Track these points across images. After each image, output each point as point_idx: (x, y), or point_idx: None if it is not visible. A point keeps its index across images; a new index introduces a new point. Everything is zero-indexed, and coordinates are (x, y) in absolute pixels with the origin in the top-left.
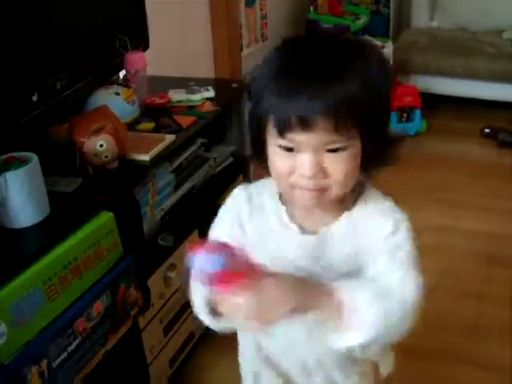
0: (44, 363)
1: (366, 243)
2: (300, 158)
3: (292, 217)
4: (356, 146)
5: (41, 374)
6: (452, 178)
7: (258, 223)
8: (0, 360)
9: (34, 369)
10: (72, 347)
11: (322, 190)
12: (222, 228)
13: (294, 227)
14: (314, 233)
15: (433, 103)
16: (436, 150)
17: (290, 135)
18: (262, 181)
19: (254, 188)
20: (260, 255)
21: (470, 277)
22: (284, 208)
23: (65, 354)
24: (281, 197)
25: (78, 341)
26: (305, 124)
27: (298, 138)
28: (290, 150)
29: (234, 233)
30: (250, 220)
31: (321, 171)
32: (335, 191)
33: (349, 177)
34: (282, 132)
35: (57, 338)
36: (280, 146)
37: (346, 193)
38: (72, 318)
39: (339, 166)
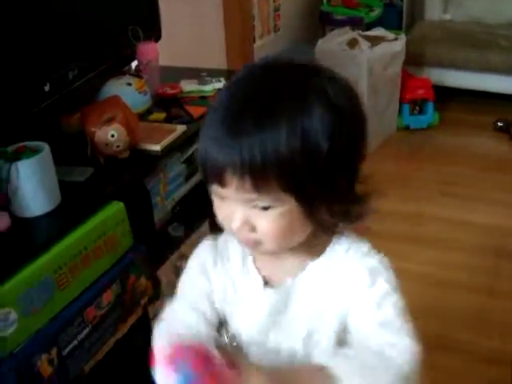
0: (54, 351)
1: (339, 299)
2: (230, 209)
3: (257, 265)
4: (289, 206)
5: (51, 362)
6: (464, 171)
7: (223, 273)
8: (10, 348)
9: (44, 357)
10: (82, 336)
11: (254, 243)
12: (190, 277)
13: (258, 278)
14: (277, 285)
15: (446, 96)
16: (448, 143)
17: (212, 186)
18: None
19: (223, 235)
20: (225, 309)
21: (480, 270)
22: (250, 256)
23: (75, 343)
24: None
25: (88, 329)
26: (218, 179)
27: (219, 190)
28: (222, 197)
29: (201, 283)
30: (214, 269)
31: (247, 225)
32: (269, 247)
33: (283, 235)
34: (206, 180)
35: (67, 327)
36: (213, 193)
37: (311, 238)
38: (82, 306)
39: (267, 225)
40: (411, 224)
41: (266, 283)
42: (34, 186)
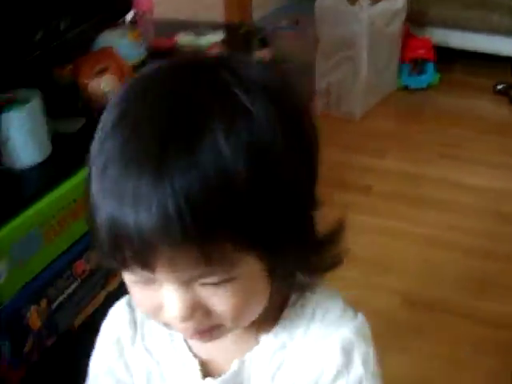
0: (43, 304)
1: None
2: (164, 294)
3: (190, 344)
4: (249, 270)
5: (40, 315)
6: (463, 134)
7: (145, 355)
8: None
9: (34, 308)
10: (70, 290)
11: (209, 332)
12: (101, 360)
13: (194, 364)
14: (221, 371)
15: (448, 57)
16: (448, 104)
17: (133, 269)
18: None
19: None
20: None
21: (478, 233)
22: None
23: (64, 296)
24: None
25: (77, 283)
26: (143, 259)
27: (143, 274)
28: (148, 281)
29: (117, 368)
30: (132, 348)
31: (198, 309)
32: (230, 329)
33: (247, 309)
34: (121, 266)
35: (55, 280)
36: (132, 280)
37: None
38: (71, 260)
39: (224, 302)
40: (410, 185)
41: (205, 370)
42: (24, 137)
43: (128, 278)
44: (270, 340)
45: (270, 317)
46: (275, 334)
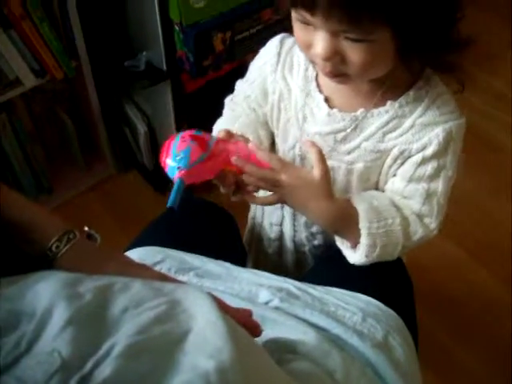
0: (229, 33)
1: (399, 149)
2: (316, 36)
3: (321, 85)
4: (383, 40)
5: (223, 42)
6: None
7: (281, 79)
8: (196, 18)
9: (220, 35)
10: (254, 30)
11: (340, 76)
12: (251, 73)
13: (320, 98)
14: (345, 114)
15: None
16: None
17: (301, 11)
18: None
19: (293, 40)
20: (276, 120)
21: None
22: (314, 73)
23: (247, 33)
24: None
25: (260, 27)
26: (310, 5)
27: (309, 17)
28: (306, 23)
29: (255, 87)
30: (272, 73)
31: (337, 55)
32: (355, 80)
33: (372, 68)
34: (292, 4)
35: (244, 18)
36: (296, 18)
37: (395, 77)
38: (262, 6)
39: (357, 57)
40: None
41: (329, 105)
42: None
43: (294, 15)
44: (394, 106)
45: (399, 90)
46: (400, 103)
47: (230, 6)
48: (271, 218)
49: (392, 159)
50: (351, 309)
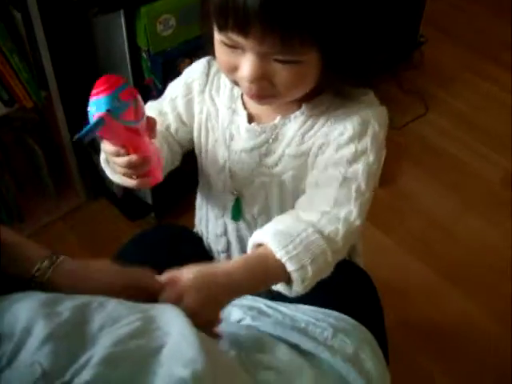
0: (194, 61)
1: (318, 144)
2: (243, 59)
3: (246, 103)
4: (310, 61)
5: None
6: None
7: (208, 100)
8: (164, 46)
9: (187, 61)
10: None
11: (267, 97)
12: (174, 90)
13: (244, 115)
14: (264, 125)
15: None
16: None
17: (229, 34)
18: None
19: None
20: (204, 140)
21: None
22: (240, 92)
23: None
24: None
25: None
26: (241, 27)
27: (238, 39)
28: (233, 47)
29: (179, 105)
30: (200, 94)
31: (264, 78)
32: (283, 100)
33: (298, 88)
34: (220, 28)
35: None
36: (222, 42)
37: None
38: None
39: (285, 78)
40: None
41: (251, 120)
42: None
43: (219, 39)
44: (308, 106)
45: (313, 92)
46: (314, 103)
47: (195, 34)
48: (217, 246)
49: (314, 156)
50: (322, 325)
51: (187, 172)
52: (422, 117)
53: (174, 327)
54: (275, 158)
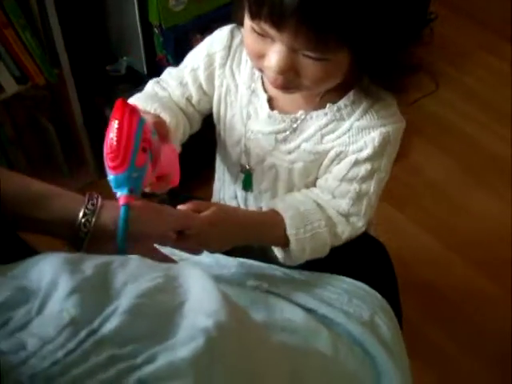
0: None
1: (336, 151)
2: (272, 49)
3: (266, 84)
4: (340, 59)
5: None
6: None
7: (229, 74)
8: (176, 21)
9: (199, 36)
10: None
11: (291, 87)
12: (194, 60)
13: (264, 98)
14: (285, 116)
15: None
16: None
17: (261, 23)
18: None
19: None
20: (223, 114)
21: None
22: (260, 74)
23: None
24: None
25: None
26: (275, 21)
27: (269, 30)
28: (263, 35)
29: (199, 74)
30: (221, 67)
31: (291, 70)
32: (307, 91)
33: (324, 83)
34: (252, 17)
35: (219, 22)
36: (252, 28)
37: (337, 84)
38: None
39: (313, 73)
40: None
41: (272, 106)
42: None
43: (250, 25)
44: (333, 109)
45: (339, 93)
46: (338, 106)
47: (207, 9)
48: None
49: (329, 160)
50: (337, 291)
51: (200, 148)
52: (433, 93)
53: (196, 284)
54: (290, 147)
